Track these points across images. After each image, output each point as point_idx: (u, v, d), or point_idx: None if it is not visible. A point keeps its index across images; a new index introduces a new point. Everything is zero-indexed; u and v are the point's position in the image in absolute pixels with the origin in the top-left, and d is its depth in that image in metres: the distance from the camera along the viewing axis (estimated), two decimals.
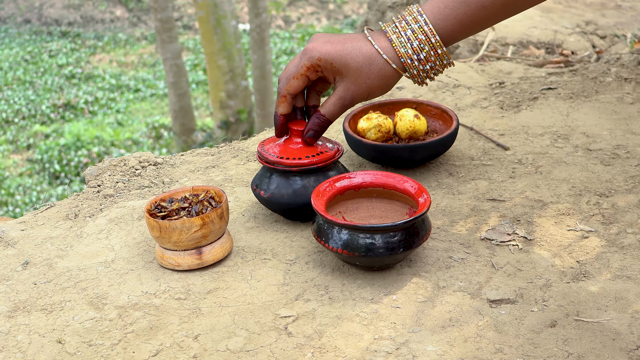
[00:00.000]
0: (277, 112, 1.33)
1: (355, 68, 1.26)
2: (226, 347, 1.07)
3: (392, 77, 1.27)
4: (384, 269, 1.24)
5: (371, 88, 1.27)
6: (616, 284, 1.17)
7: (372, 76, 1.26)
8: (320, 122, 1.31)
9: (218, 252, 1.27)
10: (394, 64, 1.25)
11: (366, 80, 1.26)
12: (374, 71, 1.26)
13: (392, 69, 1.26)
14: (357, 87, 1.27)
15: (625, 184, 1.48)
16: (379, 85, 1.27)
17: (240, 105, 7.76)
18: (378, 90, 1.28)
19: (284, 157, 1.32)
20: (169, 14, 7.31)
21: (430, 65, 1.26)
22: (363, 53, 1.26)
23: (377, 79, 1.26)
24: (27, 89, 10.35)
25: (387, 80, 1.27)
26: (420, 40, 1.23)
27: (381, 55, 1.25)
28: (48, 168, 8.08)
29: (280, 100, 1.32)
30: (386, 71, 1.26)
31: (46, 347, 1.09)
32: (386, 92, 1.31)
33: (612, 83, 2.03)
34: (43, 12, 13.15)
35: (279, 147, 1.35)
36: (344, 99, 1.28)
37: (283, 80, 1.30)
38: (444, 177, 1.56)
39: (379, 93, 1.29)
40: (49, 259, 1.33)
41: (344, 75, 1.27)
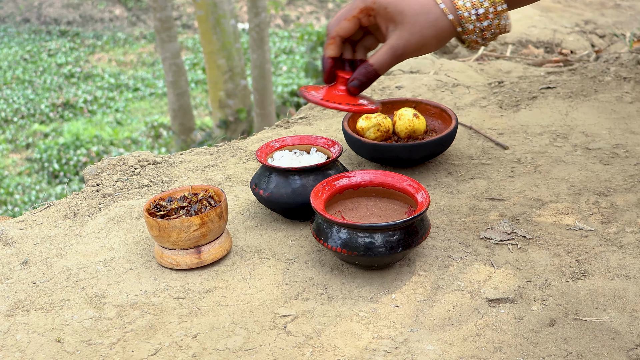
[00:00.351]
0: (325, 55, 1.24)
1: (411, 15, 1.15)
2: (225, 346, 1.07)
3: (447, 31, 1.17)
4: (383, 268, 1.24)
5: (425, 39, 1.16)
6: (615, 283, 1.17)
7: (427, 25, 1.16)
8: (366, 72, 1.20)
9: (217, 251, 1.27)
10: (450, 15, 1.16)
11: (421, 30, 1.16)
12: (430, 20, 1.16)
13: (449, 21, 1.16)
14: (411, 36, 1.16)
15: (624, 183, 1.48)
16: (434, 36, 1.16)
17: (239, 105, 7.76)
18: (432, 43, 1.17)
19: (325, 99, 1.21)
20: (168, 13, 7.31)
21: (488, 23, 1.16)
22: (419, 1, 1.16)
23: (432, 29, 1.16)
24: (26, 88, 10.35)
25: (442, 32, 1.17)
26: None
27: (438, 5, 1.16)
28: (47, 167, 8.07)
29: (329, 41, 1.23)
30: (442, 22, 1.16)
31: (45, 346, 1.09)
32: (438, 48, 1.20)
33: (611, 82, 2.03)
34: (42, 11, 13.14)
35: (323, 90, 1.25)
36: (396, 48, 1.18)
37: (334, 22, 1.21)
38: (443, 176, 1.56)
39: (432, 47, 1.18)
40: (48, 258, 1.33)
41: (397, 22, 1.16)
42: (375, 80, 1.22)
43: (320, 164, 1.34)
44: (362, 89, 1.21)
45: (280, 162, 1.40)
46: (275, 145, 1.44)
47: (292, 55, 11.33)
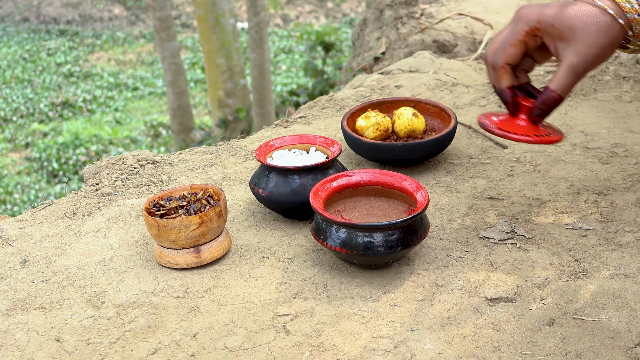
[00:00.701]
0: (502, 87, 1.19)
1: (581, 27, 1.11)
2: (224, 346, 1.07)
3: (621, 36, 1.12)
4: (382, 268, 1.24)
5: (603, 48, 1.11)
6: (614, 283, 1.17)
7: (601, 34, 1.11)
8: (549, 99, 1.15)
9: (216, 251, 1.27)
10: (621, 19, 1.11)
11: (597, 40, 1.11)
12: (602, 29, 1.11)
13: (620, 25, 1.11)
14: (588, 50, 1.11)
15: (624, 183, 1.48)
16: (610, 44, 1.11)
17: (238, 104, 7.76)
18: (609, 50, 1.12)
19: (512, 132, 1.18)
20: (167, 13, 7.31)
21: None
22: (585, 12, 1.11)
23: (607, 36, 1.11)
24: (26, 87, 10.35)
25: (616, 38, 1.12)
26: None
27: (606, 11, 1.11)
28: (46, 166, 8.08)
29: (500, 72, 1.18)
30: (615, 28, 1.11)
31: (44, 345, 1.09)
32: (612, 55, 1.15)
33: (611, 81, 2.03)
34: (41, 11, 13.14)
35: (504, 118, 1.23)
36: (576, 66, 1.12)
37: (499, 50, 1.17)
38: (442, 175, 1.56)
39: (608, 55, 1.13)
40: (47, 257, 1.33)
41: (568, 38, 1.12)
42: (558, 106, 1.18)
43: (319, 163, 1.34)
44: (545, 117, 1.18)
45: (279, 161, 1.40)
46: (275, 145, 1.44)
47: (292, 54, 11.33)
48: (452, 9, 3.21)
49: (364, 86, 2.17)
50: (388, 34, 3.38)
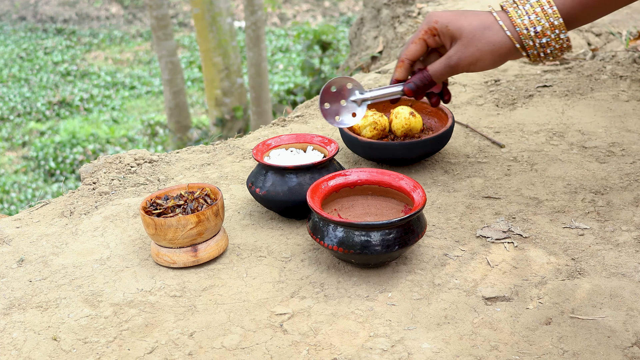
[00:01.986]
0: (393, 78, 1.34)
1: (469, 30, 1.23)
2: (221, 345, 1.07)
3: (505, 47, 1.22)
4: (379, 267, 1.24)
5: (481, 52, 1.23)
6: (611, 282, 1.17)
7: (483, 41, 1.22)
8: (422, 77, 1.30)
9: (213, 250, 1.27)
10: (508, 31, 1.21)
11: (477, 44, 1.23)
12: (486, 36, 1.22)
13: (507, 36, 1.21)
14: (466, 49, 1.24)
15: (621, 182, 1.48)
16: (490, 51, 1.23)
17: (235, 103, 7.75)
18: (487, 58, 1.24)
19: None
20: (164, 12, 7.30)
21: (547, 40, 1.20)
22: (480, 19, 1.23)
23: (488, 44, 1.22)
24: (22, 86, 10.33)
25: (500, 48, 1.22)
26: (538, 13, 1.19)
27: (497, 22, 1.22)
28: (43, 165, 8.06)
29: (398, 65, 1.33)
30: (499, 38, 1.22)
31: (41, 344, 1.09)
32: (496, 65, 1.25)
33: (608, 81, 2.03)
34: (38, 9, 13.12)
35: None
36: (450, 58, 1.26)
37: (403, 47, 1.31)
38: (440, 174, 1.56)
39: (487, 61, 1.24)
40: (44, 256, 1.33)
41: (457, 38, 1.25)
42: (430, 87, 1.32)
43: (316, 162, 1.34)
44: (417, 93, 1.31)
45: (276, 160, 1.40)
46: (272, 144, 1.44)
47: (289, 53, 11.32)
48: (449, 9, 3.21)
49: None
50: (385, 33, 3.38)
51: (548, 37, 1.21)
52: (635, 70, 2.09)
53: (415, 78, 1.31)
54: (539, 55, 1.23)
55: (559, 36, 1.21)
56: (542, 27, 1.20)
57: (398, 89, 1.34)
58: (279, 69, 10.72)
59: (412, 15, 3.29)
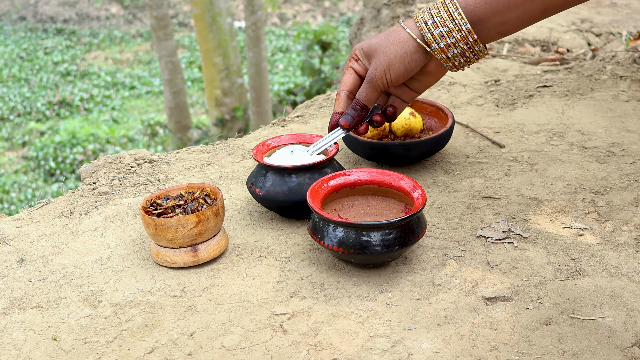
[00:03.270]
0: (333, 111, 1.34)
1: (376, 42, 1.26)
2: (221, 345, 1.07)
3: (408, 44, 1.24)
4: (379, 267, 1.24)
5: (388, 57, 1.25)
6: (611, 282, 1.17)
7: (389, 45, 1.25)
8: (352, 104, 1.31)
9: (213, 250, 1.27)
10: (408, 29, 1.24)
11: (384, 50, 1.25)
12: (390, 40, 1.25)
13: (407, 34, 1.24)
14: (377, 59, 1.26)
15: (621, 182, 1.48)
16: (395, 53, 1.24)
17: (235, 103, 7.76)
18: (395, 60, 1.25)
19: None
20: (164, 12, 7.30)
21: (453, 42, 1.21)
22: (387, 32, 1.26)
23: (393, 46, 1.24)
24: (22, 86, 10.33)
25: (403, 48, 1.24)
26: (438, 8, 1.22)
27: (401, 26, 1.25)
28: (43, 165, 8.06)
29: (335, 98, 1.34)
30: (401, 37, 1.24)
31: (41, 344, 1.09)
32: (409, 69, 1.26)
33: (608, 81, 2.03)
34: (38, 9, 13.12)
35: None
36: (368, 76, 1.27)
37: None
38: (440, 174, 1.56)
39: (397, 64, 1.25)
40: (44, 256, 1.33)
41: (371, 56, 1.27)
42: (366, 112, 1.32)
43: (316, 162, 1.34)
44: (352, 123, 1.31)
45: (276, 160, 1.40)
46: (272, 144, 1.44)
47: (289, 53, 11.32)
48: None
49: None
50: None
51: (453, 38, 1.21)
52: (635, 70, 2.09)
53: (347, 109, 1.31)
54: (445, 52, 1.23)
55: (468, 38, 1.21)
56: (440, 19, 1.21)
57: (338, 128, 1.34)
58: (279, 69, 10.71)
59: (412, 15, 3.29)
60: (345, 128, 1.31)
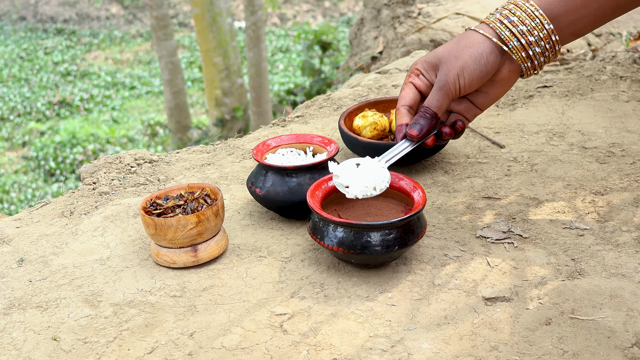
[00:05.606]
0: (397, 124, 1.27)
1: (444, 49, 1.21)
2: (221, 345, 1.07)
3: (484, 45, 1.18)
4: (379, 267, 1.24)
5: (462, 60, 1.18)
6: (611, 282, 1.17)
7: (460, 48, 1.18)
8: (421, 113, 1.23)
9: (213, 250, 1.27)
10: (481, 30, 1.18)
11: (455, 53, 1.19)
12: (462, 44, 1.19)
13: (481, 35, 1.18)
14: (448, 64, 1.19)
15: (621, 182, 1.48)
16: (470, 54, 1.18)
17: (235, 103, 7.76)
18: (469, 61, 1.18)
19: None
20: (164, 12, 7.30)
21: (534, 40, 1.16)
22: (455, 38, 1.21)
23: (466, 48, 1.18)
24: (23, 86, 10.33)
25: (478, 48, 1.18)
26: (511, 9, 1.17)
27: (471, 30, 1.19)
28: (43, 165, 8.06)
29: (396, 113, 1.27)
30: (475, 39, 1.18)
31: (41, 344, 1.09)
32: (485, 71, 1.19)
33: (608, 81, 2.03)
34: (38, 9, 13.12)
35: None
36: (439, 81, 1.20)
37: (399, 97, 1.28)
38: (440, 175, 1.56)
39: (472, 66, 1.18)
40: (44, 256, 1.33)
41: (438, 65, 1.21)
42: (436, 121, 1.23)
43: (316, 162, 1.34)
44: (422, 132, 1.23)
45: (276, 160, 1.40)
46: (272, 144, 1.44)
47: (289, 53, 11.33)
48: (450, 9, 3.22)
49: (361, 85, 2.18)
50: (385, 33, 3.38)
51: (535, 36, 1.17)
52: (635, 70, 2.09)
53: (415, 118, 1.23)
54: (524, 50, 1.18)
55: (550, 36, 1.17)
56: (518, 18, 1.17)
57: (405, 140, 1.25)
58: (279, 69, 10.72)
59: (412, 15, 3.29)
60: (414, 138, 1.23)
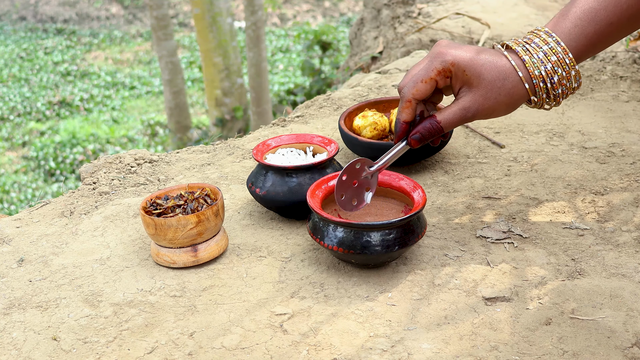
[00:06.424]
0: (400, 119, 1.21)
1: (489, 80, 1.15)
2: (221, 345, 1.07)
3: (521, 99, 1.17)
4: (379, 267, 1.24)
5: (499, 104, 1.16)
6: (611, 282, 1.17)
7: (503, 93, 1.15)
8: (432, 127, 1.19)
9: (213, 250, 1.27)
10: (526, 84, 1.15)
11: (497, 96, 1.15)
12: (506, 87, 1.15)
13: (525, 89, 1.15)
14: (485, 101, 1.15)
15: (621, 182, 1.48)
16: (507, 103, 1.16)
17: (235, 103, 7.76)
18: (504, 109, 1.17)
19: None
20: (164, 12, 7.30)
21: (562, 89, 1.16)
22: (498, 67, 1.15)
23: (507, 96, 1.15)
24: (23, 86, 10.33)
25: (516, 101, 1.16)
26: (554, 63, 1.14)
27: (517, 73, 1.15)
28: (43, 165, 8.06)
29: (404, 105, 1.19)
30: (518, 90, 1.15)
31: (41, 344, 1.09)
32: (508, 114, 1.20)
33: (608, 81, 2.03)
34: (38, 9, 13.12)
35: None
36: (467, 110, 1.16)
37: (409, 84, 1.18)
38: (440, 175, 1.56)
39: (503, 113, 1.18)
40: (44, 256, 1.33)
41: (474, 86, 1.15)
42: (439, 136, 1.21)
43: (316, 162, 1.34)
44: (423, 143, 1.21)
45: (276, 160, 1.40)
46: (272, 144, 1.44)
47: (289, 53, 11.33)
48: (450, 9, 3.22)
49: (361, 85, 2.18)
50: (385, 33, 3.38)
51: (564, 86, 1.16)
52: (635, 70, 2.09)
53: (422, 128, 1.19)
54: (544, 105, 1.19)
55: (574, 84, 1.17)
56: (559, 77, 1.15)
57: (403, 144, 1.22)
58: (279, 69, 10.72)
59: (412, 15, 3.30)
60: (414, 146, 1.21)
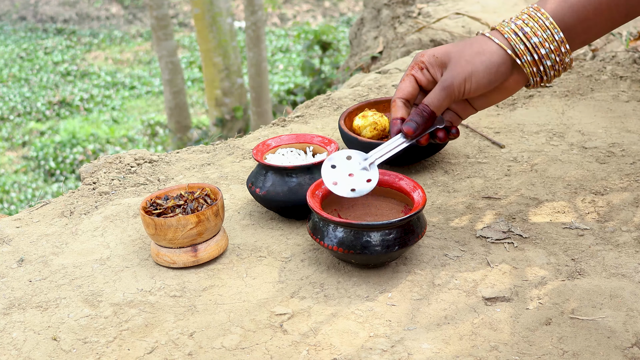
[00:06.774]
0: (392, 117, 1.24)
1: (456, 50, 1.18)
2: (221, 345, 1.07)
3: (497, 55, 1.16)
4: (379, 267, 1.24)
5: (472, 64, 1.16)
6: (611, 282, 1.17)
7: (473, 53, 1.16)
8: (419, 110, 1.20)
9: (213, 250, 1.27)
10: (495, 39, 1.16)
11: (467, 57, 1.16)
12: (475, 49, 1.16)
13: (496, 45, 1.16)
14: (456, 66, 1.17)
15: (621, 182, 1.48)
16: (482, 61, 1.16)
17: (235, 103, 7.76)
18: (480, 68, 1.16)
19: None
20: (164, 12, 7.30)
21: (545, 53, 1.15)
22: (467, 40, 1.19)
23: (478, 55, 1.16)
24: (23, 86, 10.33)
25: (491, 57, 1.16)
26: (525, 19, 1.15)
27: (483, 35, 1.17)
28: (43, 165, 8.06)
29: (391, 105, 1.25)
30: (489, 47, 1.16)
31: (41, 344, 1.09)
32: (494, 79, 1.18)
33: (608, 81, 2.03)
34: (38, 9, 13.12)
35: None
36: (447, 82, 1.17)
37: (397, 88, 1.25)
38: (440, 175, 1.56)
39: (481, 73, 1.16)
40: (44, 256, 1.33)
41: (446, 62, 1.18)
42: (432, 121, 1.22)
43: (316, 162, 1.34)
44: (418, 130, 1.21)
45: (276, 160, 1.40)
46: (272, 144, 1.44)
47: (289, 53, 11.33)
48: (450, 9, 3.22)
49: (361, 85, 2.18)
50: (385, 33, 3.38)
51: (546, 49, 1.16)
52: (635, 70, 2.09)
53: (412, 114, 1.21)
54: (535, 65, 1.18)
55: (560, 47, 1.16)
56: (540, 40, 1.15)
57: (399, 136, 1.23)
58: (279, 69, 10.72)
59: (412, 15, 3.29)
60: (408, 135, 1.21)
